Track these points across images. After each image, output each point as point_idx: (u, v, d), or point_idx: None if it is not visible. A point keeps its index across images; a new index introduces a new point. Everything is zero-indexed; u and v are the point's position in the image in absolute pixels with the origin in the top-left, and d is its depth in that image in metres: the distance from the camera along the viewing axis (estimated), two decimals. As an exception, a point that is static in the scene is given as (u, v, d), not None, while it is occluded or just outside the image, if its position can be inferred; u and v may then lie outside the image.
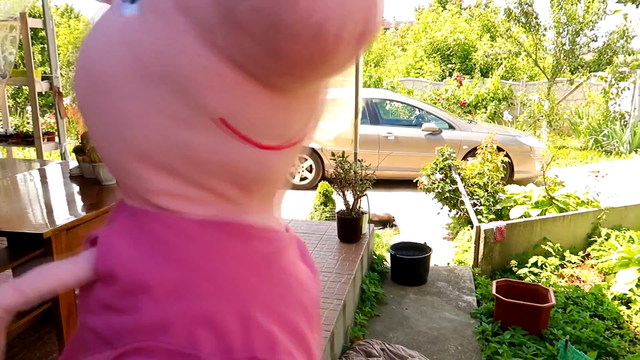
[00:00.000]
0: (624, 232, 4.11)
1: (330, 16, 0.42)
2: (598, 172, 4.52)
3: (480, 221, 4.02)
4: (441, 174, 4.57)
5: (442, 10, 15.16)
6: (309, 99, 0.57)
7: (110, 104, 0.55)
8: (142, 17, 0.52)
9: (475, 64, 12.48)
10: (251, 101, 0.51)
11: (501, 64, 11.42)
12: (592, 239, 4.11)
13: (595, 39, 8.79)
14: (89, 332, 0.60)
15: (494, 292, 2.95)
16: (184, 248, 0.58)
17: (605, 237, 4.06)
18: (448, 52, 13.50)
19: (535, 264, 3.79)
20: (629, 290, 3.35)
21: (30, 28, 3.71)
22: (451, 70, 12.68)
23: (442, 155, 4.63)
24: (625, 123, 9.23)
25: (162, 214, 0.58)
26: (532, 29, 8.95)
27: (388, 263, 3.75)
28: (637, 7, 7.33)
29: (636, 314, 3.19)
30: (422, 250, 3.62)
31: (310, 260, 0.76)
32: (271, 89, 0.51)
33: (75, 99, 0.61)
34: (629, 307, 3.27)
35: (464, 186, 4.40)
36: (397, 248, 3.65)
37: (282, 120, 0.54)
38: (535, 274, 3.71)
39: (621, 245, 3.84)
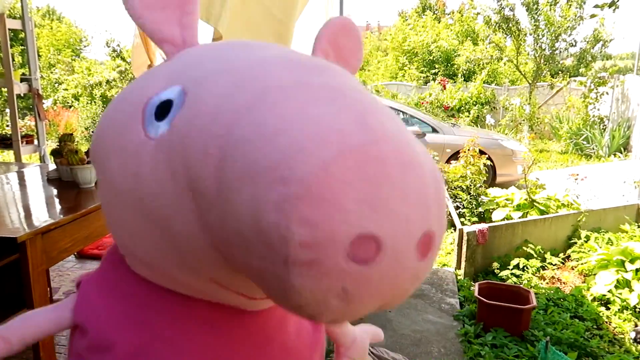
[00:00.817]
0: (603, 234, 4.18)
1: (327, 315, 0.38)
2: (577, 175, 4.59)
3: (463, 224, 4.05)
4: (424, 177, 4.60)
5: (424, 16, 15.31)
6: None
7: (109, 194, 0.52)
8: (156, 153, 0.45)
9: (458, 69, 12.62)
10: (242, 278, 0.45)
11: (483, 68, 11.57)
12: (572, 241, 4.17)
13: (574, 44, 8.96)
14: None
15: (476, 294, 2.98)
16: (152, 310, 0.56)
17: (585, 239, 4.13)
18: (430, 58, 13.63)
19: (517, 266, 3.83)
20: (608, 291, 3.40)
21: (10, 29, 3.65)
22: (434, 75, 12.80)
23: (426, 159, 4.67)
24: (604, 127, 9.41)
25: (140, 276, 0.57)
26: (512, 35, 9.08)
27: (372, 266, 3.76)
28: (613, 11, 7.49)
29: (615, 315, 3.24)
30: (405, 253, 3.63)
31: None
32: None
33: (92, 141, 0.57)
34: (608, 308, 3.33)
35: (447, 189, 4.43)
36: (381, 251, 3.65)
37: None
38: (517, 276, 3.75)
39: (600, 247, 3.91)
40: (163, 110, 0.46)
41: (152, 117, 0.47)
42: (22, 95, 3.91)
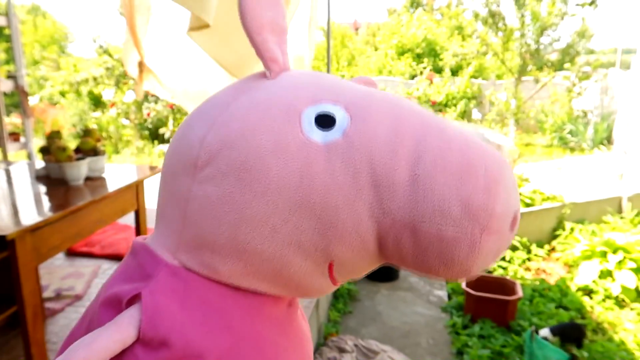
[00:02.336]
0: (587, 226, 4.26)
1: (480, 268, 0.50)
2: (562, 168, 4.67)
3: (450, 217, 4.10)
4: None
5: (414, 11, 15.35)
6: None
7: (244, 197, 0.52)
8: (329, 156, 0.52)
9: (445, 63, 12.70)
10: (365, 262, 0.55)
11: (470, 63, 11.64)
12: (557, 232, 4.25)
13: (558, 39, 9.06)
14: None
15: (463, 286, 3.03)
16: (231, 314, 0.56)
17: (570, 231, 4.21)
18: (419, 52, 13.68)
19: (503, 258, 3.89)
20: (592, 281, 3.48)
21: (-7, 25, 3.61)
22: (422, 70, 12.85)
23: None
24: (588, 121, 9.55)
25: (204, 277, 0.56)
26: (499, 29, 9.16)
27: (361, 260, 3.80)
28: (594, 9, 7.59)
29: (598, 304, 3.32)
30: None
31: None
32: (385, 258, 0.55)
33: (201, 153, 0.56)
34: (591, 298, 3.40)
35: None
36: (370, 245, 3.69)
37: (365, 272, 0.58)
38: (504, 268, 3.81)
39: (584, 239, 3.99)
40: (323, 122, 0.54)
41: (313, 126, 0.53)
42: (7, 92, 3.87)
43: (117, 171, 2.45)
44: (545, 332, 2.60)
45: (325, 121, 0.54)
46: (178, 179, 0.58)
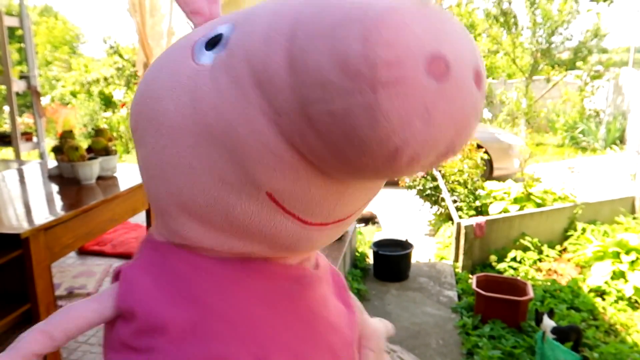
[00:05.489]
0: (599, 227, 4.22)
1: (411, 143, 0.39)
2: (573, 168, 4.63)
3: (460, 217, 4.08)
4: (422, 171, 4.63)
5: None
6: (365, 187, 0.54)
7: (161, 145, 0.52)
8: (214, 71, 0.48)
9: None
10: (302, 183, 0.47)
11: (480, 62, 11.56)
12: (568, 233, 4.21)
13: (570, 37, 8.97)
14: None
15: (474, 286, 3.01)
16: (202, 286, 0.55)
17: (581, 232, 4.16)
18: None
19: (514, 259, 3.86)
20: (604, 282, 3.44)
21: (7, 27, 3.65)
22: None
23: (423, 153, 4.69)
24: (600, 120, 9.45)
25: (184, 250, 0.57)
26: (510, 28, 9.09)
27: (371, 260, 3.79)
28: (608, 5, 7.48)
29: (610, 306, 3.28)
30: (404, 246, 3.67)
31: (347, 296, 0.71)
32: (329, 177, 0.48)
33: (130, 123, 0.58)
34: (603, 299, 3.37)
35: (445, 183, 4.46)
36: (380, 245, 3.68)
37: (332, 203, 0.51)
38: (514, 269, 3.79)
39: (596, 239, 3.94)
40: (213, 43, 0.50)
41: (203, 49, 0.51)
42: (20, 92, 3.92)
43: (128, 170, 2.47)
44: (548, 322, 2.55)
45: (215, 42, 0.51)
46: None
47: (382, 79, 0.37)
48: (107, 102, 11.02)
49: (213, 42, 0.51)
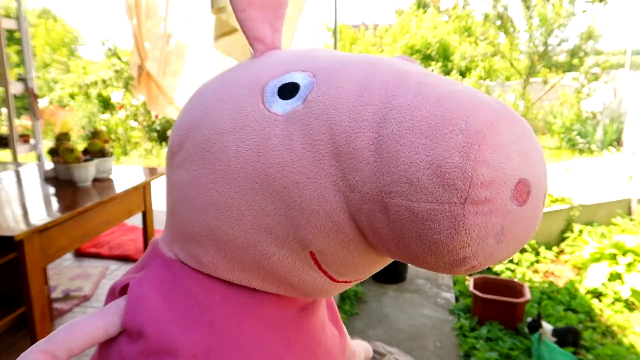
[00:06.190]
0: (596, 228, 4.22)
1: (479, 256, 0.40)
2: (570, 169, 4.63)
3: (457, 219, 4.08)
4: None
5: (422, 13, 15.32)
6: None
7: (210, 179, 0.50)
8: (288, 125, 0.46)
9: (454, 65, 12.66)
10: (350, 252, 0.47)
11: (478, 65, 11.60)
12: (565, 235, 4.21)
13: (567, 40, 9.00)
14: None
15: (471, 288, 3.01)
16: (215, 311, 0.53)
17: (578, 233, 4.17)
18: (428, 52, 13.65)
19: (511, 260, 3.87)
20: (601, 284, 3.45)
21: (5, 29, 3.65)
22: (432, 71, 12.81)
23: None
24: (597, 122, 9.48)
25: (197, 272, 0.55)
26: (507, 31, 9.12)
27: (368, 262, 3.78)
28: (604, 6, 7.50)
29: (607, 307, 3.28)
30: (401, 248, 3.66)
31: (338, 319, 0.71)
32: (375, 250, 0.47)
33: (171, 142, 0.56)
34: (600, 301, 3.37)
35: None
36: (377, 247, 3.68)
37: (367, 268, 0.52)
38: (512, 270, 3.79)
39: (593, 241, 3.95)
40: (286, 91, 0.48)
41: (275, 96, 0.49)
42: (17, 95, 3.92)
43: (124, 172, 2.47)
44: (547, 327, 2.56)
45: (289, 91, 0.48)
46: (166, 169, 0.57)
47: (474, 196, 0.38)
48: (106, 104, 11.01)
49: (288, 91, 0.48)
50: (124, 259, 3.30)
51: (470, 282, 3.09)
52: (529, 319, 2.56)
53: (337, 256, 0.48)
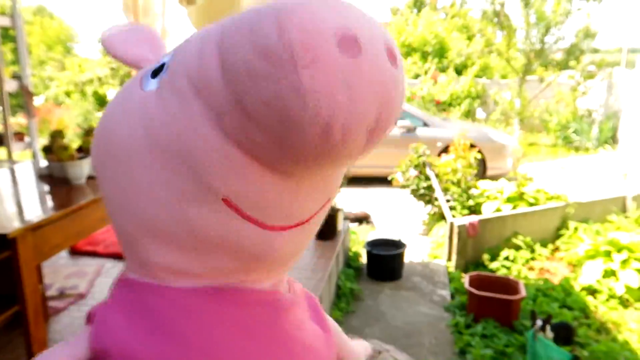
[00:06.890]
0: (591, 225, 4.24)
1: (339, 116, 0.42)
2: (565, 166, 4.65)
3: (454, 216, 4.09)
4: (416, 170, 4.64)
5: (418, 12, 15.32)
6: (320, 182, 0.55)
7: (121, 173, 0.55)
8: (159, 93, 0.52)
9: (450, 62, 12.66)
10: (256, 183, 0.49)
11: (474, 62, 11.61)
12: (560, 232, 4.23)
13: (563, 38, 9.02)
14: None
15: (466, 285, 3.02)
16: (177, 320, 0.56)
17: (573, 231, 4.18)
18: (425, 50, 13.65)
19: (506, 258, 3.88)
20: (596, 281, 3.46)
21: (0, 27, 3.63)
22: (427, 69, 12.82)
23: (417, 153, 4.70)
24: (593, 120, 9.51)
25: (158, 285, 0.57)
26: (503, 29, 9.13)
27: (364, 259, 3.79)
28: (599, 3, 7.52)
29: (602, 304, 3.30)
30: (397, 246, 3.67)
31: (322, 318, 0.72)
32: (279, 173, 0.49)
33: (92, 166, 0.63)
34: (595, 298, 3.38)
35: (438, 182, 4.47)
36: (373, 244, 3.69)
37: (288, 203, 0.53)
38: (507, 268, 3.80)
39: (588, 238, 3.96)
40: (157, 72, 0.55)
41: (149, 78, 0.55)
42: (12, 93, 3.89)
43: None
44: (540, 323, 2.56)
45: (159, 70, 0.55)
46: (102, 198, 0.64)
47: (301, 61, 0.40)
48: (101, 102, 10.98)
49: (157, 71, 0.55)
50: (120, 257, 3.29)
51: (465, 280, 3.10)
52: (539, 320, 2.54)
53: (246, 193, 0.50)
